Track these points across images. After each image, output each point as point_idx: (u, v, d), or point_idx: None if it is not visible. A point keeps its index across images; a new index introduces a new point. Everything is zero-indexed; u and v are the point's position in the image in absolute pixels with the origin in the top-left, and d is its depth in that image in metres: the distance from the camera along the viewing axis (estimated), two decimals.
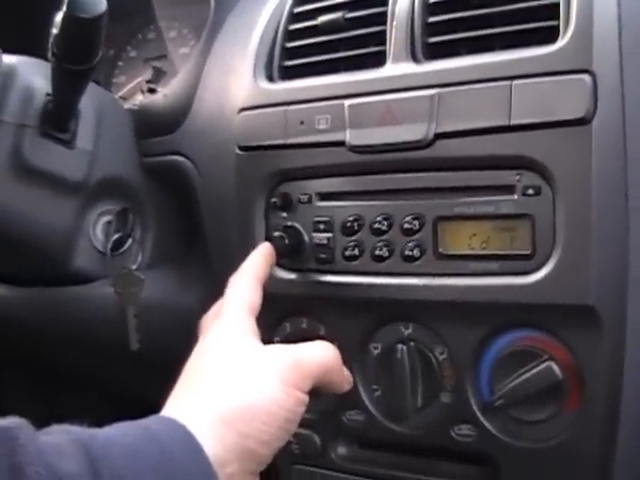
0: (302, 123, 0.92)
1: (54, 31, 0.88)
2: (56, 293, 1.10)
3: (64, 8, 0.85)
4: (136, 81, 1.31)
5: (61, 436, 0.60)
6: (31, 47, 1.07)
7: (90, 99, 1.02)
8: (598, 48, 0.78)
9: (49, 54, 0.91)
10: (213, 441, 0.65)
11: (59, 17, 0.86)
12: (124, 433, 0.63)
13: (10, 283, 1.15)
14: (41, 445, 0.57)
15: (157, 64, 1.29)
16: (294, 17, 1.01)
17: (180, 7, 1.27)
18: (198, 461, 0.63)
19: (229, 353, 0.74)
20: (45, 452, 0.57)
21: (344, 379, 0.82)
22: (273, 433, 0.69)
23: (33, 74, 1.00)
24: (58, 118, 0.99)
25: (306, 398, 0.73)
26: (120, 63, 1.37)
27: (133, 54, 1.37)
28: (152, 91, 1.23)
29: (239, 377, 0.71)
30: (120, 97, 1.29)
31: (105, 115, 1.06)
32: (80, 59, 0.89)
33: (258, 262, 0.87)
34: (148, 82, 1.27)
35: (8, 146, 0.96)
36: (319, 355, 0.77)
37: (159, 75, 1.27)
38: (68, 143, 1.00)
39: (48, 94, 0.98)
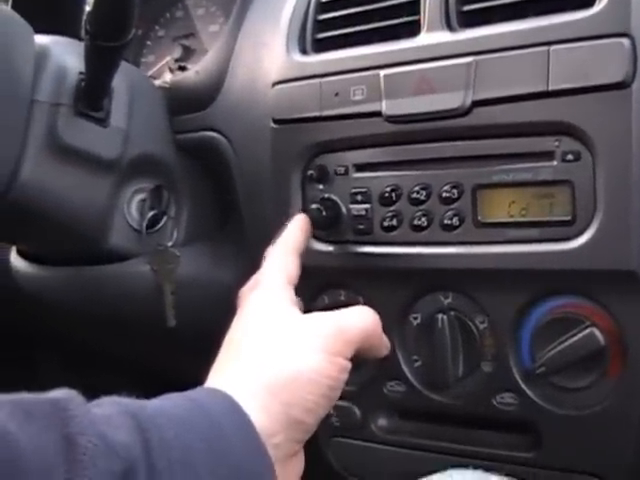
0: (337, 95, 0.92)
1: (87, 8, 0.88)
2: (92, 272, 1.10)
3: None
4: (165, 60, 1.30)
5: (111, 407, 0.61)
6: (62, 28, 1.07)
7: (123, 77, 1.02)
8: (636, 11, 0.77)
9: (82, 32, 0.91)
10: (259, 411, 0.65)
11: None
12: (173, 404, 0.64)
13: (46, 263, 1.15)
14: (92, 416, 0.58)
15: (186, 42, 1.29)
16: None
17: None
18: (246, 432, 0.63)
19: (269, 323, 0.74)
20: (97, 423, 0.57)
21: (384, 344, 0.82)
22: (317, 401, 0.69)
23: (66, 53, 1.00)
24: (91, 96, 0.99)
25: (349, 365, 0.73)
26: (148, 42, 1.37)
27: (161, 33, 1.37)
28: (182, 69, 1.23)
29: (281, 346, 0.71)
30: (149, 76, 1.29)
31: (138, 93, 1.07)
32: (113, 36, 0.89)
33: (295, 233, 0.87)
34: (177, 60, 1.27)
35: (43, 125, 0.97)
36: (360, 320, 0.77)
37: (188, 53, 1.27)
38: (102, 121, 1.00)
39: (81, 73, 0.98)
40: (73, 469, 0.53)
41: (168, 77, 1.23)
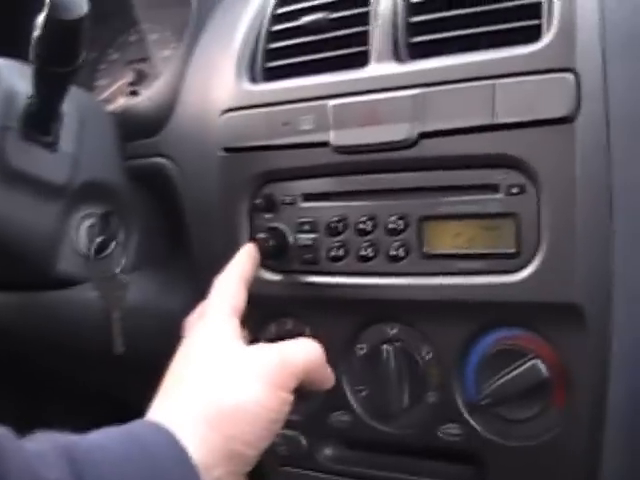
0: (286, 124, 0.92)
1: (35, 33, 0.87)
2: (39, 297, 1.09)
3: (45, 10, 0.85)
4: (118, 84, 1.30)
5: (45, 444, 0.60)
6: (12, 50, 1.06)
7: (72, 102, 1.01)
8: (581, 47, 0.78)
9: (30, 56, 0.90)
10: (199, 444, 0.65)
11: (41, 19, 0.86)
12: (108, 438, 0.63)
13: None
14: (25, 453, 0.57)
15: (139, 67, 1.29)
16: (276, 18, 1.00)
17: (161, 9, 1.27)
18: (184, 466, 0.63)
19: (212, 355, 0.74)
20: (30, 461, 0.56)
21: (328, 376, 0.82)
22: (258, 434, 0.69)
23: (15, 76, 0.99)
24: (40, 121, 0.98)
25: (291, 398, 0.73)
26: (102, 66, 1.37)
27: (115, 57, 1.36)
28: (134, 93, 1.23)
29: (222, 379, 0.71)
30: (102, 100, 1.29)
31: (88, 118, 1.06)
32: (62, 61, 0.89)
33: (243, 262, 0.87)
34: (130, 85, 1.27)
35: None
36: (303, 353, 0.77)
37: (141, 78, 1.27)
38: (50, 146, 0.99)
39: (30, 97, 0.97)
40: None
41: (122, 101, 1.23)
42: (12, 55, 1.04)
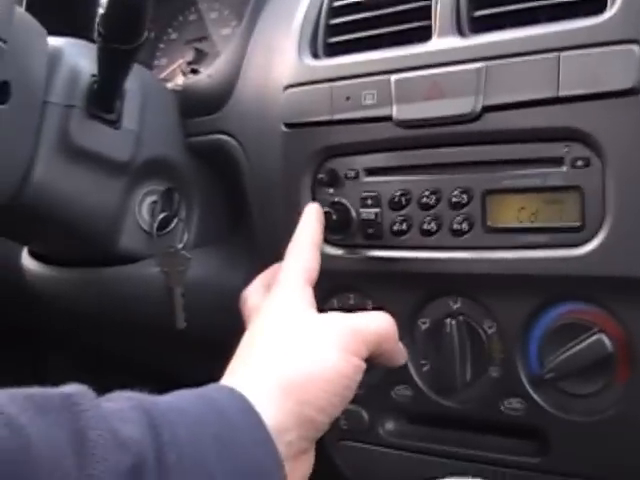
0: (348, 99, 0.92)
1: (100, 11, 0.89)
2: (103, 273, 1.10)
3: None
4: (177, 63, 1.31)
5: (123, 402, 0.61)
6: (75, 30, 1.08)
7: (135, 80, 1.03)
8: None
9: (95, 34, 0.91)
10: (272, 409, 0.66)
11: None
12: (185, 401, 0.64)
13: (56, 264, 1.15)
14: (103, 411, 0.58)
15: (198, 46, 1.30)
16: None
17: None
18: (257, 428, 0.64)
19: (286, 322, 0.75)
20: (107, 417, 0.58)
21: (399, 351, 0.82)
22: (331, 400, 0.70)
23: (79, 55, 1.00)
24: (104, 99, 0.99)
25: (364, 365, 0.74)
26: (161, 45, 1.38)
27: (174, 36, 1.37)
28: (194, 72, 1.24)
29: (297, 345, 0.72)
30: (161, 79, 1.30)
31: (150, 95, 1.07)
32: (126, 39, 0.90)
33: (311, 225, 0.87)
34: (190, 64, 1.28)
35: (55, 127, 0.97)
36: (376, 323, 0.78)
37: (201, 56, 1.28)
38: (114, 123, 1.01)
39: (93, 75, 0.98)
40: (83, 463, 0.53)
41: (180, 80, 1.24)
42: (73, 35, 1.05)
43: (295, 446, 0.67)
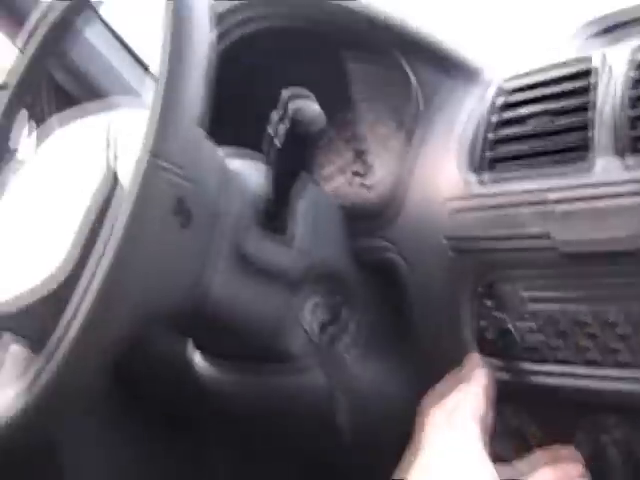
0: (510, 225, 0.94)
1: (276, 143, 0.93)
2: (267, 379, 1.15)
3: (287, 124, 0.91)
4: (337, 164, 1.34)
5: None
6: (243, 139, 1.13)
7: (306, 199, 1.07)
8: None
9: (266, 158, 0.96)
10: None
11: (281, 131, 0.92)
12: None
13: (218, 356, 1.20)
14: None
15: (358, 146, 1.32)
16: (499, 124, 1.02)
17: (380, 88, 1.31)
18: None
19: (454, 468, 0.77)
20: None
21: None
22: None
23: (252, 178, 1.06)
24: (276, 219, 1.04)
25: None
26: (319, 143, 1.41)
27: (331, 134, 1.41)
28: (357, 174, 1.27)
29: None
30: (321, 177, 1.33)
31: (320, 213, 1.11)
32: (298, 166, 0.94)
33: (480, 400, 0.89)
34: (350, 165, 1.31)
35: (231, 243, 1.02)
36: None
37: (361, 159, 1.30)
38: (287, 242, 1.05)
39: (266, 196, 1.04)
40: None
41: (340, 181, 1.27)
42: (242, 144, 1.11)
43: None
